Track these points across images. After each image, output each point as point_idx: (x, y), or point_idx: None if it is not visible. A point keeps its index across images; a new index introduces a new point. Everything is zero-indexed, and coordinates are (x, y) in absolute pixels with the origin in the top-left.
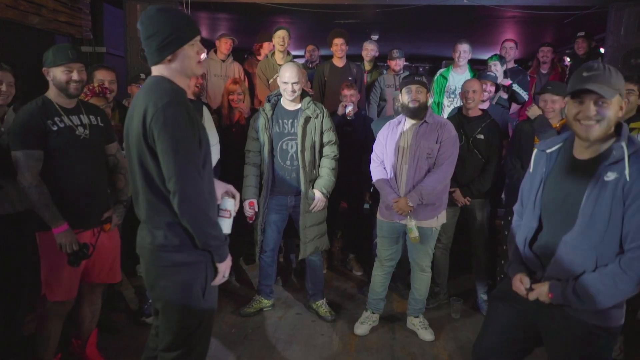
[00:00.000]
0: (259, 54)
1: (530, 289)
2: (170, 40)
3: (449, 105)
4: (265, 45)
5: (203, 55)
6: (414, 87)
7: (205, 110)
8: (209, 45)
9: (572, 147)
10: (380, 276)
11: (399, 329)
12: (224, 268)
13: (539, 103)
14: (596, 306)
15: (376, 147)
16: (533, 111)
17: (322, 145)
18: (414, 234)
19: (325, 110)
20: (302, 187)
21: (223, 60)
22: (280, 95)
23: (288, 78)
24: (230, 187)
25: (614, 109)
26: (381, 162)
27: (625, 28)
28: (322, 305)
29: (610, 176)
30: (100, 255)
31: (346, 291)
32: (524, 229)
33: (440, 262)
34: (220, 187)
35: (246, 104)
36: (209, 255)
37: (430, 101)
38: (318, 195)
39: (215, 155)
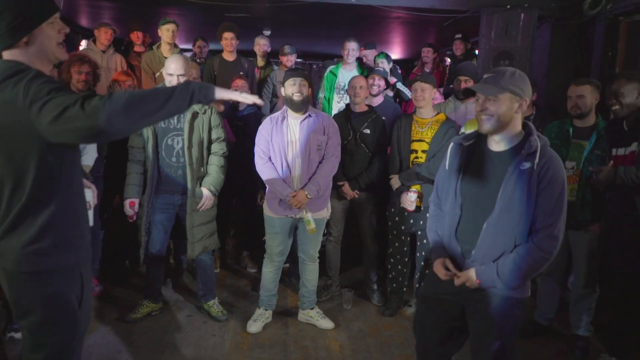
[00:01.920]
0: (134, 46)
1: (456, 276)
2: (25, 18)
3: (339, 101)
4: (134, 35)
5: (84, 43)
6: (297, 79)
7: None
8: (89, 35)
9: (487, 141)
10: (271, 272)
11: (293, 324)
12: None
13: (412, 92)
14: (517, 283)
15: (260, 143)
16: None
17: (210, 142)
18: (312, 225)
19: (213, 106)
20: (189, 185)
21: (104, 52)
22: None
23: (173, 70)
24: (86, 181)
25: (503, 106)
26: (269, 159)
27: (495, 32)
28: (213, 306)
29: (526, 165)
30: None
31: (240, 289)
32: (449, 218)
33: (331, 255)
34: None
35: None
36: (85, 256)
37: (321, 97)
38: (206, 193)
39: (92, 153)
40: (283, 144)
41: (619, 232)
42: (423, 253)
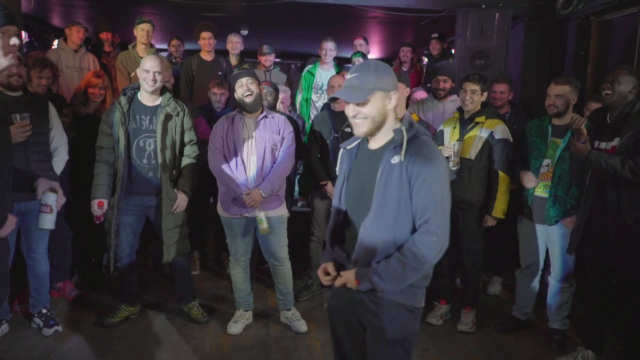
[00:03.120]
0: (103, 46)
1: (339, 276)
2: None
3: (317, 100)
4: (104, 35)
5: (56, 42)
6: (244, 79)
7: (51, 106)
8: (60, 34)
9: (366, 141)
10: (239, 273)
11: (273, 325)
12: None
13: None
14: (396, 284)
15: (215, 141)
16: None
17: (182, 144)
18: (264, 225)
19: (186, 109)
20: (163, 187)
21: (75, 51)
22: (138, 89)
23: (150, 67)
24: (55, 184)
25: (375, 105)
26: (223, 157)
27: (471, 31)
28: (193, 308)
29: (396, 159)
30: None
31: (220, 291)
32: (333, 222)
33: (313, 254)
34: (44, 184)
35: (109, 100)
36: None
37: (300, 97)
38: (181, 195)
39: (63, 155)
40: (238, 141)
41: (594, 226)
42: None
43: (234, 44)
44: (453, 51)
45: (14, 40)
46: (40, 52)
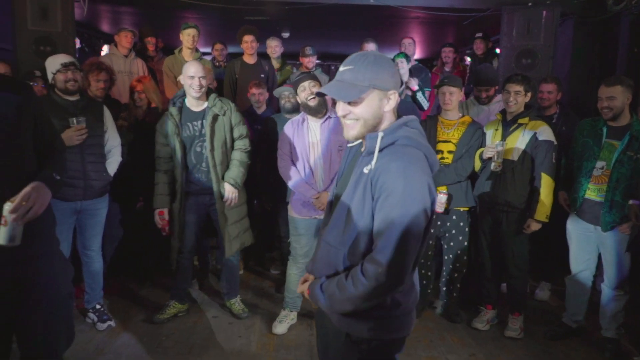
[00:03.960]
0: (147, 51)
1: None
2: None
3: None
4: (147, 40)
5: (105, 48)
6: (306, 84)
7: (106, 110)
8: (110, 40)
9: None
10: (295, 274)
11: None
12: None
13: (439, 96)
14: (340, 308)
15: (283, 146)
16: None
17: (233, 141)
18: None
19: (232, 105)
20: (215, 187)
21: (125, 56)
22: (184, 96)
23: (194, 72)
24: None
25: (370, 106)
26: (292, 160)
27: (517, 30)
28: (235, 303)
29: (366, 170)
30: None
31: (264, 290)
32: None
33: None
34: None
35: (157, 99)
36: None
37: None
38: (228, 187)
39: (117, 157)
40: (304, 146)
41: None
42: (450, 256)
43: (273, 47)
44: (498, 50)
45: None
46: (95, 57)
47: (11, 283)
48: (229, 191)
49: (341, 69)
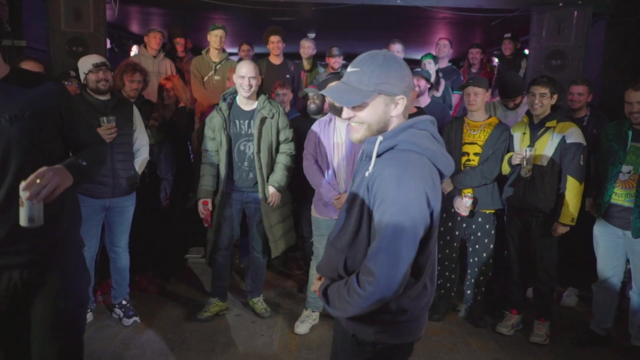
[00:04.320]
0: (177, 51)
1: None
2: None
3: None
4: (177, 41)
5: (134, 48)
6: (333, 84)
7: (135, 109)
8: (139, 41)
9: None
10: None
11: None
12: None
13: (464, 97)
14: (341, 313)
15: (309, 146)
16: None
17: (279, 144)
18: None
19: (281, 109)
20: (259, 188)
21: (154, 56)
22: (235, 93)
23: (245, 72)
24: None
25: (375, 111)
26: (315, 161)
27: (547, 30)
28: (258, 302)
29: (367, 173)
30: None
31: (286, 290)
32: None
33: None
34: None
35: (185, 98)
36: None
37: None
38: (272, 190)
39: (145, 156)
40: (329, 146)
41: None
42: (476, 259)
43: (306, 48)
44: (527, 51)
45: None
46: (130, 58)
47: (26, 285)
48: (273, 194)
49: (348, 70)
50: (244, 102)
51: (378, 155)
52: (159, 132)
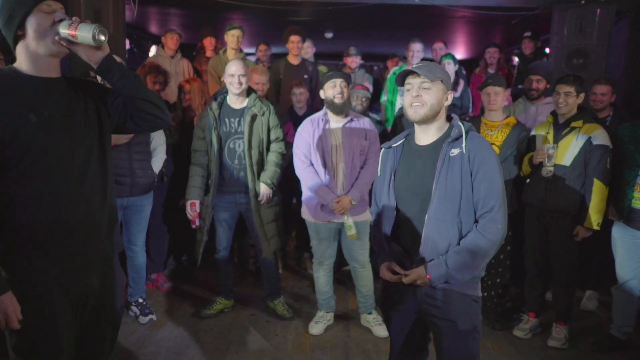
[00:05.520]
0: (205, 52)
1: (404, 275)
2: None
3: (402, 103)
4: (207, 40)
5: (153, 49)
6: (338, 81)
7: None
8: (157, 41)
9: (414, 138)
10: (323, 276)
11: (354, 327)
12: None
13: (483, 97)
14: (467, 273)
15: (301, 146)
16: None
17: (269, 143)
18: (353, 231)
19: (271, 107)
20: (250, 186)
21: (172, 57)
22: (226, 93)
23: (234, 71)
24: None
25: (436, 94)
26: (310, 163)
27: (568, 29)
28: (279, 304)
29: (455, 152)
30: None
31: (301, 290)
32: (386, 220)
33: None
34: None
35: (198, 103)
36: None
37: (384, 99)
38: (263, 187)
39: (161, 155)
40: (327, 148)
41: None
42: (492, 260)
43: (305, 49)
44: (547, 50)
45: (59, 16)
46: (150, 59)
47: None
48: (264, 190)
49: (414, 66)
50: (234, 100)
51: (458, 138)
52: (174, 133)
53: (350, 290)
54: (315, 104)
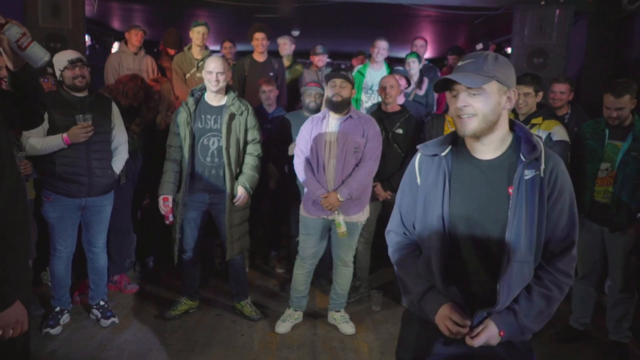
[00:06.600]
0: (167, 50)
1: (470, 331)
2: None
3: (367, 101)
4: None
5: (115, 45)
6: (338, 81)
7: (114, 106)
8: (120, 37)
9: (469, 148)
10: (302, 275)
11: (321, 325)
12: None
13: (447, 96)
14: (545, 321)
15: (300, 142)
16: None
17: (246, 143)
18: (342, 229)
19: (250, 108)
20: (227, 185)
21: (135, 53)
22: (204, 90)
23: (213, 68)
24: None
25: (490, 99)
26: (306, 158)
27: (529, 29)
28: (246, 305)
29: (528, 174)
30: None
31: (269, 289)
32: (435, 253)
33: (362, 255)
34: None
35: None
36: None
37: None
38: (241, 190)
39: (123, 155)
40: (320, 143)
41: None
42: None
43: (282, 45)
44: (509, 50)
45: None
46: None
47: None
48: (241, 193)
49: (460, 63)
50: (213, 98)
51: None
52: (139, 139)
53: (317, 288)
54: (282, 102)
